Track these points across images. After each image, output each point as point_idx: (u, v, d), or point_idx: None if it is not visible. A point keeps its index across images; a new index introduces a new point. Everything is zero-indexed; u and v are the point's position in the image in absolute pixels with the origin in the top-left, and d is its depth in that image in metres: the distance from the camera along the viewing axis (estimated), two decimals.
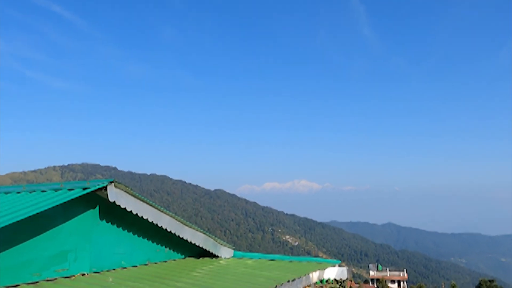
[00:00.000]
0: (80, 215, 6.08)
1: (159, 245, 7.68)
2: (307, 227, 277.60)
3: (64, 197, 5.61)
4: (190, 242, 7.76)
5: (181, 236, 7.51)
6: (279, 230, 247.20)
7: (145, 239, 7.33)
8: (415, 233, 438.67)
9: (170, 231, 7.26)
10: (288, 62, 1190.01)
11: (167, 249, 7.91)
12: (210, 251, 8.33)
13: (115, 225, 6.67)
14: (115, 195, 6.01)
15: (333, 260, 8.85)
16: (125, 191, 6.19)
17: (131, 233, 6.99)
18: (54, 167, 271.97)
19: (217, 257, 8.56)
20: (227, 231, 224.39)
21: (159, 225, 6.94)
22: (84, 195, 5.92)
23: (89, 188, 5.85)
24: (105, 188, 5.90)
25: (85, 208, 6.15)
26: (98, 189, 5.91)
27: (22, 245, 5.27)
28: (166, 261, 7.82)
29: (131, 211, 6.33)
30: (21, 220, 5.04)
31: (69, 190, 5.97)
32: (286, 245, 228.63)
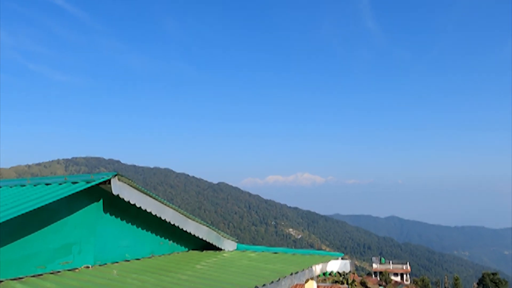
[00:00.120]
0: (84, 208, 6.11)
1: (162, 238, 7.71)
2: (310, 220, 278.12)
3: (68, 190, 5.63)
4: (194, 235, 7.79)
5: (184, 229, 7.53)
6: (282, 223, 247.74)
7: (149, 232, 7.36)
8: (418, 226, 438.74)
9: (173, 224, 7.28)
10: (291, 55, 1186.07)
11: (171, 242, 7.94)
12: (214, 244, 8.36)
13: (119, 218, 6.70)
14: (118, 188, 6.02)
15: (336, 253, 8.86)
16: (129, 184, 6.21)
17: (134, 226, 7.02)
18: (58, 161, 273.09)
19: (220, 250, 8.59)
20: (230, 224, 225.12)
21: (162, 218, 6.96)
22: (88, 188, 5.94)
23: (93, 181, 5.87)
24: (108, 181, 5.91)
25: (89, 201, 6.17)
26: (101, 182, 5.93)
27: (26, 238, 5.30)
28: (170, 253, 7.85)
29: (134, 204, 6.35)
30: (25, 213, 5.08)
31: (73, 183, 5.99)
32: (289, 238, 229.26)
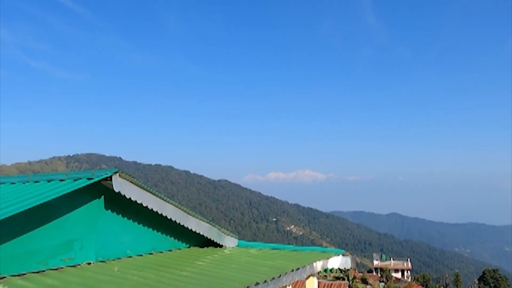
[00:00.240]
0: (86, 205, 6.12)
1: (163, 235, 7.73)
2: (311, 217, 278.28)
3: (70, 187, 5.65)
4: (195, 231, 7.80)
5: (185, 226, 7.55)
6: (283, 220, 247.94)
7: (150, 229, 7.37)
8: (419, 223, 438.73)
9: (174, 221, 7.29)
10: (292, 52, 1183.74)
11: (172, 238, 7.96)
12: (215, 241, 8.38)
13: (120, 215, 6.72)
14: (120, 185, 6.04)
15: (337, 249, 8.87)
16: (130, 181, 6.22)
17: (136, 223, 7.04)
18: (59, 158, 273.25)
19: (221, 246, 8.61)
20: (232, 220, 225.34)
21: (163, 214, 6.98)
22: (89, 185, 5.95)
23: (94, 178, 5.88)
24: (110, 178, 5.93)
25: (90, 198, 6.19)
26: (103, 179, 5.94)
27: (28, 234, 5.32)
28: (171, 250, 7.87)
29: (136, 201, 6.37)
30: (27, 210, 5.09)
31: (75, 180, 6.01)
32: (290, 234, 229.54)
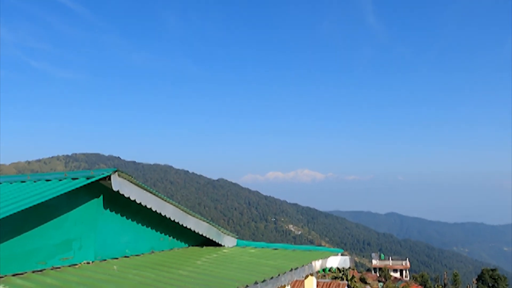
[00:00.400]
0: (85, 204, 6.12)
1: (162, 234, 7.73)
2: (310, 216, 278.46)
3: (68, 186, 5.64)
4: (194, 231, 7.80)
5: (184, 225, 7.55)
6: (282, 219, 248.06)
7: (149, 228, 7.37)
8: (418, 222, 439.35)
9: (173, 220, 7.29)
10: (292, 51, 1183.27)
11: (171, 238, 7.96)
12: (214, 240, 8.38)
13: (119, 214, 6.71)
14: (118, 184, 6.03)
15: (335, 249, 8.88)
16: (129, 181, 6.22)
17: (135, 222, 7.04)
18: (58, 157, 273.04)
19: (220, 246, 8.61)
20: (230, 220, 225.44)
21: (162, 214, 6.98)
22: (88, 184, 5.95)
23: (93, 177, 5.88)
24: (109, 178, 5.92)
25: (89, 197, 6.19)
26: (102, 178, 5.93)
27: (27, 234, 5.32)
28: (170, 249, 7.87)
29: (134, 200, 6.36)
30: (26, 209, 5.08)
31: (73, 179, 6.01)
32: (289, 234, 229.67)
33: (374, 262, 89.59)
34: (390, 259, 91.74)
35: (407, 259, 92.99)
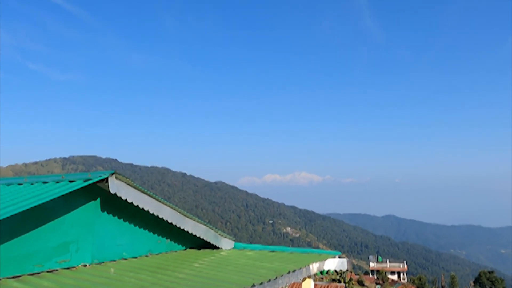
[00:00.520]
0: (82, 207, 6.10)
1: (160, 237, 7.71)
2: (307, 219, 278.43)
3: (66, 188, 5.62)
4: (191, 233, 7.79)
5: (182, 228, 7.53)
6: (280, 222, 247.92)
7: (146, 231, 7.35)
8: (416, 225, 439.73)
9: (171, 223, 7.28)
10: (290, 53, 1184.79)
11: (168, 240, 7.94)
12: (211, 243, 8.37)
13: (116, 217, 6.70)
14: (116, 186, 6.02)
15: (333, 251, 8.89)
16: (126, 183, 6.20)
17: (132, 225, 7.02)
18: (55, 159, 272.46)
19: (218, 248, 8.60)
20: (228, 222, 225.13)
21: (160, 216, 6.96)
22: (85, 186, 5.93)
23: (90, 179, 5.86)
24: (106, 180, 5.91)
25: (86, 200, 6.17)
26: (99, 180, 5.92)
27: (24, 236, 5.30)
28: (167, 252, 7.85)
29: (132, 202, 6.35)
30: (22, 212, 5.07)
31: (70, 181, 5.98)
32: (287, 236, 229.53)
33: (372, 264, 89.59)
34: (388, 261, 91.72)
35: (405, 261, 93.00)
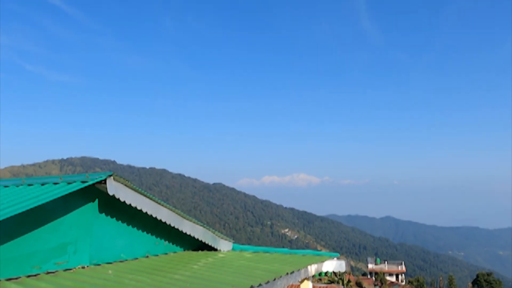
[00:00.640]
0: (80, 208, 6.09)
1: (158, 238, 7.71)
2: (306, 220, 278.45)
3: (64, 190, 5.62)
4: (189, 235, 7.79)
5: (180, 229, 7.53)
6: (278, 224, 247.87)
7: (145, 232, 7.35)
8: (414, 226, 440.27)
9: (169, 224, 7.28)
10: (288, 55, 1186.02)
11: (166, 242, 7.94)
12: (209, 244, 8.37)
13: (114, 218, 6.69)
14: (114, 188, 6.02)
15: (331, 253, 8.89)
16: (124, 184, 6.20)
17: (130, 226, 7.01)
18: (53, 161, 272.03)
19: (216, 250, 8.60)
20: (226, 224, 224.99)
21: (158, 218, 6.96)
22: (84, 188, 5.93)
23: (88, 181, 5.86)
24: (104, 181, 5.91)
25: (84, 201, 6.16)
26: (97, 182, 5.92)
27: (22, 238, 5.29)
28: (166, 253, 7.85)
29: (130, 204, 6.34)
30: (20, 213, 5.06)
31: (69, 183, 5.98)
32: (285, 238, 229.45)
33: (370, 266, 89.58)
34: (386, 263, 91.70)
35: (403, 263, 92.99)
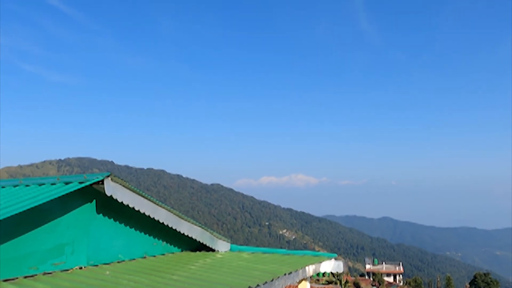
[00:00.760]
0: (77, 209, 6.08)
1: (156, 239, 7.70)
2: (303, 221, 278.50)
3: (61, 190, 5.61)
4: (187, 235, 7.79)
5: (178, 230, 7.53)
6: (276, 224, 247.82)
7: (142, 233, 7.34)
8: (411, 227, 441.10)
9: (167, 225, 7.27)
10: (287, 55, 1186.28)
11: (164, 242, 7.93)
12: (207, 245, 8.36)
13: (112, 219, 6.68)
14: (112, 189, 6.01)
15: (329, 253, 8.90)
16: (122, 185, 6.19)
17: (128, 227, 7.01)
18: (51, 161, 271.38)
19: (213, 250, 8.60)
20: (224, 225, 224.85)
21: (156, 218, 6.96)
22: (81, 188, 5.92)
23: (86, 182, 5.85)
24: (102, 182, 5.90)
25: (82, 202, 6.15)
26: (95, 183, 5.91)
27: (19, 238, 5.27)
28: (163, 254, 7.84)
29: (128, 204, 6.34)
30: (17, 214, 5.04)
31: (66, 183, 5.97)
32: (283, 239, 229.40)
33: (368, 266, 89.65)
34: (384, 263, 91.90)
35: (401, 263, 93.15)
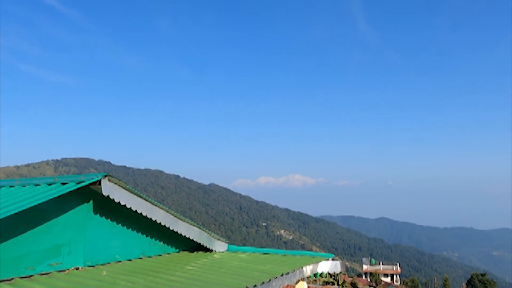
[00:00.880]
0: (74, 209, 6.07)
1: (153, 239, 7.69)
2: (301, 221, 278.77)
3: (58, 191, 5.59)
4: (184, 236, 7.78)
5: (175, 230, 7.52)
6: (273, 225, 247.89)
7: (139, 233, 7.33)
8: (409, 227, 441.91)
9: (164, 225, 7.27)
10: (284, 55, 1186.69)
11: (161, 243, 7.92)
12: (204, 245, 8.36)
13: (109, 219, 6.67)
14: (109, 189, 6.00)
15: (326, 254, 8.91)
16: (119, 185, 6.18)
17: (125, 227, 6.99)
18: (48, 162, 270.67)
19: (211, 251, 8.59)
20: (221, 225, 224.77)
21: (153, 219, 6.95)
22: (78, 189, 5.91)
23: (83, 182, 5.83)
24: (99, 182, 5.88)
25: (79, 202, 6.14)
26: (92, 183, 5.89)
27: (15, 239, 5.26)
28: (160, 255, 7.83)
29: (125, 205, 6.33)
30: (14, 214, 5.03)
31: (63, 184, 5.95)
32: (280, 239, 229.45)
33: (365, 267, 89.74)
34: (381, 263, 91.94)
35: (398, 263, 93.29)
